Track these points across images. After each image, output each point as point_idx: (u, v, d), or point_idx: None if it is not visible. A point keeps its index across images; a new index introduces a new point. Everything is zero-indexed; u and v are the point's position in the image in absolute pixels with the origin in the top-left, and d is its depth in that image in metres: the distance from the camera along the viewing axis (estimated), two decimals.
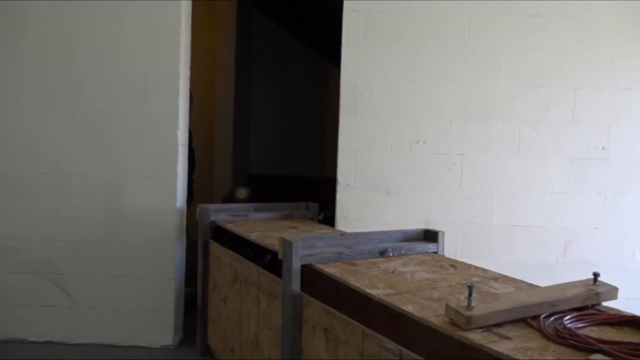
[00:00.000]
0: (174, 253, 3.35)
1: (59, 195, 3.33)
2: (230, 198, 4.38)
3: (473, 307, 1.44)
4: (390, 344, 1.60)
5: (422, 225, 2.77)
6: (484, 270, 2.08)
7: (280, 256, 2.16)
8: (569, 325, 1.39)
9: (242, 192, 4.14)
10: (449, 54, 3.24)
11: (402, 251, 2.34)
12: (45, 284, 3.36)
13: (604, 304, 1.66)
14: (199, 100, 4.64)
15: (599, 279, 1.71)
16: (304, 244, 2.16)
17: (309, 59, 6.55)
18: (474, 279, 1.95)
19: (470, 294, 1.46)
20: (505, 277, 1.99)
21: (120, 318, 3.36)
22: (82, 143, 3.33)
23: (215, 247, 3.14)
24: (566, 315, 1.46)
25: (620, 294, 1.75)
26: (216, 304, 3.10)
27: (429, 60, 3.24)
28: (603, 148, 3.24)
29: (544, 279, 1.83)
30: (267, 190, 5.56)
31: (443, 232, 2.46)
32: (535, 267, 3.20)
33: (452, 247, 3.23)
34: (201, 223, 3.23)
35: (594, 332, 1.41)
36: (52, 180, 3.33)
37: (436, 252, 2.43)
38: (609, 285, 1.67)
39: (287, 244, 2.11)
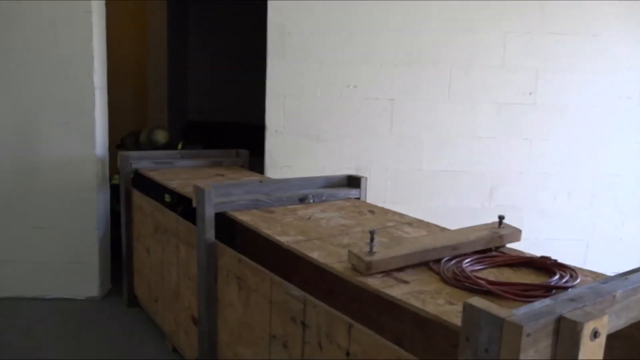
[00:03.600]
0: (96, 202, 3.20)
1: None
2: (146, 143, 3.89)
3: (374, 252, 1.43)
4: (296, 291, 1.58)
5: (352, 172, 2.74)
6: (401, 215, 2.08)
7: (194, 204, 2.08)
8: (466, 268, 1.40)
9: (161, 135, 3.83)
10: None
11: (323, 197, 2.31)
12: None
13: (509, 245, 1.69)
14: (129, 44, 4.35)
15: (505, 221, 1.73)
16: (219, 191, 2.08)
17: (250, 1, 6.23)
18: (389, 224, 1.94)
19: (372, 240, 1.44)
20: (420, 221, 1.99)
21: (41, 270, 3.22)
22: None
23: (137, 197, 3.01)
24: (466, 258, 1.47)
25: (541, 235, 1.79)
26: (140, 254, 3.01)
27: (360, 2, 3.11)
28: (530, 93, 3.26)
29: (469, 223, 1.82)
30: (208, 137, 5.38)
31: (366, 178, 2.43)
32: (462, 211, 3.25)
33: (381, 194, 3.25)
34: (123, 171, 3.09)
35: (492, 273, 1.43)
36: None
37: (358, 198, 2.41)
38: (512, 227, 1.70)
39: (200, 192, 2.03)
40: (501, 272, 1.45)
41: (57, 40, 3.03)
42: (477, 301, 0.98)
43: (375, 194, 2.55)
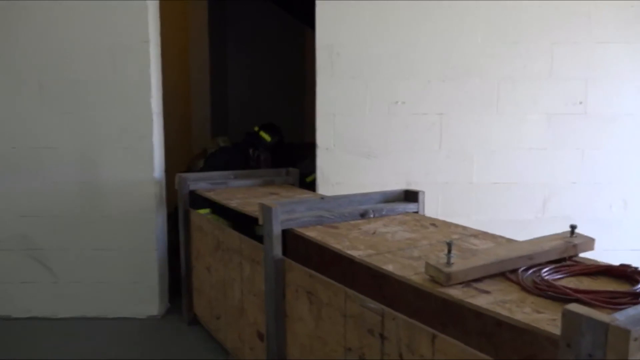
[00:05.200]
0: (155, 224, 3.31)
1: (31, 170, 3.26)
2: (213, 148, 4.17)
3: (452, 263, 1.45)
4: (372, 304, 1.61)
5: (403, 187, 2.77)
6: (464, 228, 2.10)
7: (260, 222, 2.14)
8: (546, 277, 1.41)
9: (223, 140, 4.04)
10: (426, 13, 3.18)
11: (383, 212, 2.34)
12: (25, 260, 3.32)
13: (581, 255, 1.69)
14: (173, 69, 4.52)
15: (576, 231, 1.73)
16: (284, 209, 2.14)
17: (284, 22, 6.41)
18: (454, 237, 1.96)
19: (449, 251, 1.46)
20: (485, 233, 2.00)
21: (104, 291, 3.34)
22: (51, 115, 3.23)
23: (196, 216, 3.11)
24: (544, 268, 1.48)
25: (597, 246, 1.79)
26: (200, 273, 3.10)
27: (405, 19, 3.18)
28: (580, 103, 3.24)
29: (524, 235, 1.84)
30: None
31: (423, 192, 2.46)
32: (515, 224, 3.23)
33: (433, 208, 3.24)
34: (181, 192, 3.19)
35: (571, 282, 1.43)
36: (23, 154, 3.25)
37: (417, 212, 2.44)
38: (585, 236, 1.70)
39: (266, 210, 2.09)
40: (580, 280, 1.45)
41: (117, 69, 3.18)
42: (577, 307, 1.00)
43: (426, 208, 2.57)
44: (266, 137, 3.74)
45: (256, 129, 3.86)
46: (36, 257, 3.31)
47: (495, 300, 1.33)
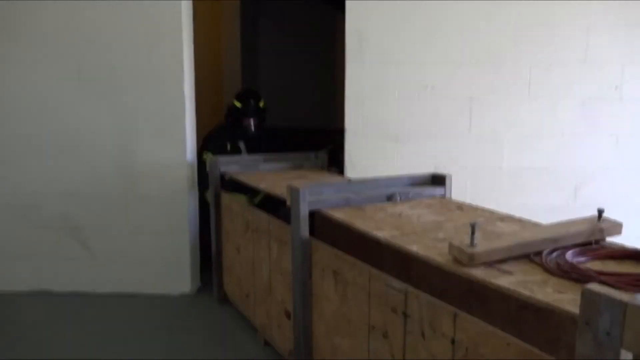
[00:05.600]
0: (187, 205, 3.41)
1: (71, 152, 3.39)
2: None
3: (476, 244, 1.47)
4: (396, 283, 1.65)
5: (431, 171, 2.77)
6: (491, 212, 2.10)
7: (288, 203, 2.19)
8: (570, 260, 1.41)
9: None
10: None
11: (410, 195, 2.36)
12: (65, 237, 3.47)
13: (609, 239, 1.68)
14: (205, 55, 4.59)
15: (604, 215, 1.72)
16: (312, 190, 2.19)
17: (315, 7, 6.39)
18: (480, 220, 1.96)
19: (473, 232, 1.48)
20: (512, 217, 2.01)
21: (139, 269, 3.47)
22: (89, 99, 3.35)
23: (226, 198, 3.19)
24: (568, 250, 1.49)
25: (631, 233, 1.77)
26: (230, 253, 3.18)
27: (435, 2, 3.15)
28: (616, 88, 3.17)
29: (554, 221, 1.82)
30: (279, 143, 5.56)
31: (450, 176, 2.47)
32: (546, 210, 3.17)
33: (462, 192, 3.22)
34: (212, 175, 3.28)
35: (596, 265, 1.43)
36: (63, 137, 3.38)
37: (444, 196, 2.45)
38: (613, 221, 1.68)
39: (294, 191, 2.14)
40: (605, 264, 1.45)
41: (151, 54, 3.27)
42: (596, 287, 1.01)
43: (455, 193, 2.57)
44: (237, 104, 3.80)
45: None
46: (76, 235, 3.46)
47: (518, 280, 1.35)
